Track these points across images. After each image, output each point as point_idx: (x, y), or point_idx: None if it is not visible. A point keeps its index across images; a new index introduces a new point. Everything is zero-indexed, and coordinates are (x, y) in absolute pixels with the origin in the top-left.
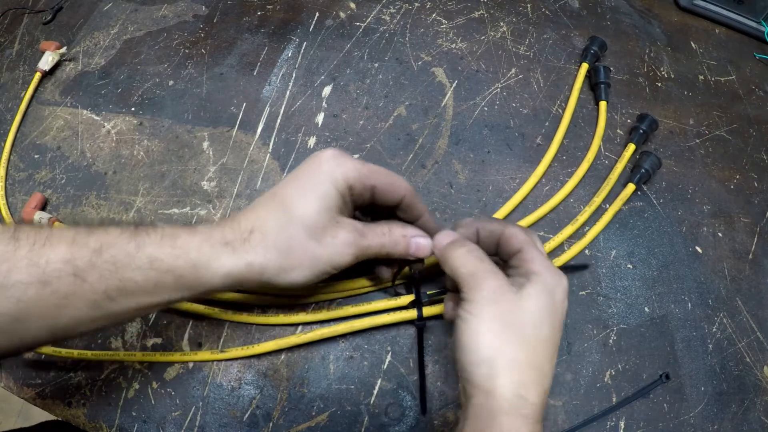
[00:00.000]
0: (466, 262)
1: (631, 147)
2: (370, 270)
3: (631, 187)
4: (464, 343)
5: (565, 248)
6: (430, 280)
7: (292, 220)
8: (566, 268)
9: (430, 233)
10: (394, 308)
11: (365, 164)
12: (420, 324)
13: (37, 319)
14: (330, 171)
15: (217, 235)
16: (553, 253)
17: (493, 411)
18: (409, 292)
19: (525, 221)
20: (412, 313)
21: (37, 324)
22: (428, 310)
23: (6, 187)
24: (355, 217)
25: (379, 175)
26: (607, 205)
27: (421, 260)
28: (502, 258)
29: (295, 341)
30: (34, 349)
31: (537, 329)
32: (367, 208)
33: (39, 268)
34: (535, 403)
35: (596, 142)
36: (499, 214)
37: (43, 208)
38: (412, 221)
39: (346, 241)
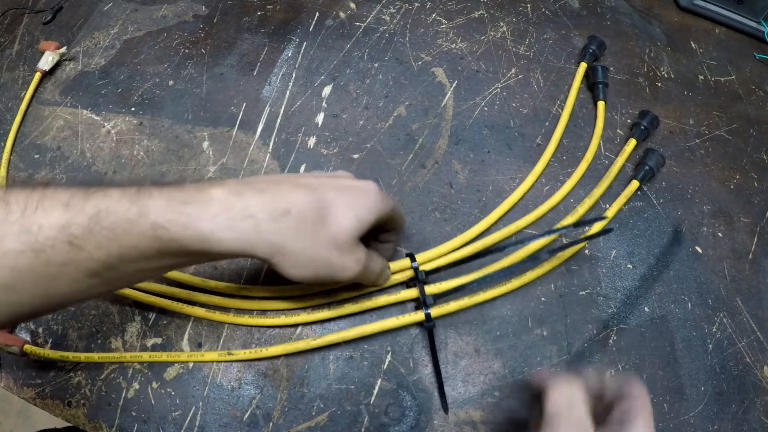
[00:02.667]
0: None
1: (632, 142)
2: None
3: (635, 184)
4: None
5: (564, 241)
6: (431, 280)
7: (327, 226)
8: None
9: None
10: (394, 303)
11: (393, 203)
12: (429, 325)
13: (32, 288)
14: (376, 204)
15: (237, 204)
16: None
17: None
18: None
19: (524, 221)
20: (419, 316)
21: (32, 293)
22: (435, 312)
23: (6, 188)
24: None
25: (397, 212)
26: (608, 205)
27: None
28: (606, 402)
29: (303, 346)
30: (31, 319)
31: None
32: None
33: (31, 235)
34: None
35: (594, 141)
36: (498, 212)
37: None
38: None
39: (357, 261)
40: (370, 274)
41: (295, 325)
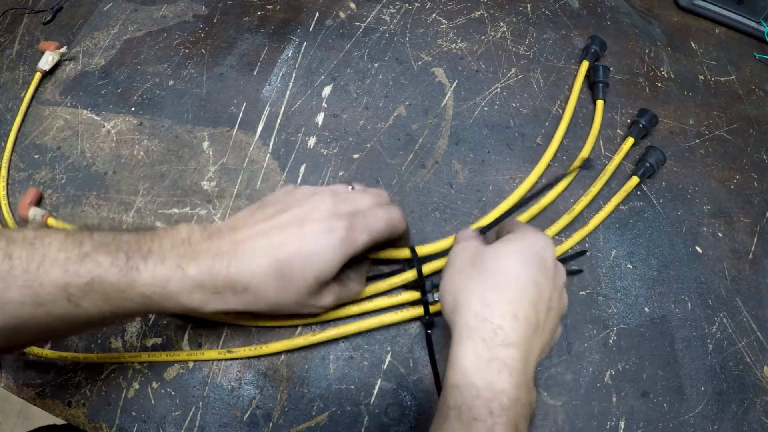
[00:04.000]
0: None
1: (630, 140)
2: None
3: (634, 180)
4: (440, 291)
5: (563, 239)
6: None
7: (288, 290)
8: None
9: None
10: (396, 305)
11: (373, 233)
12: (428, 321)
13: (34, 332)
14: (338, 251)
15: (207, 282)
16: None
17: (456, 340)
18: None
19: (522, 218)
20: (418, 311)
21: (33, 335)
22: (434, 307)
23: (7, 187)
24: None
25: (387, 231)
26: (606, 203)
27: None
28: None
29: (303, 342)
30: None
31: (503, 264)
32: None
33: (33, 290)
34: (501, 326)
35: (591, 140)
36: (498, 211)
37: (38, 203)
38: None
39: (326, 302)
40: (346, 299)
41: (296, 327)
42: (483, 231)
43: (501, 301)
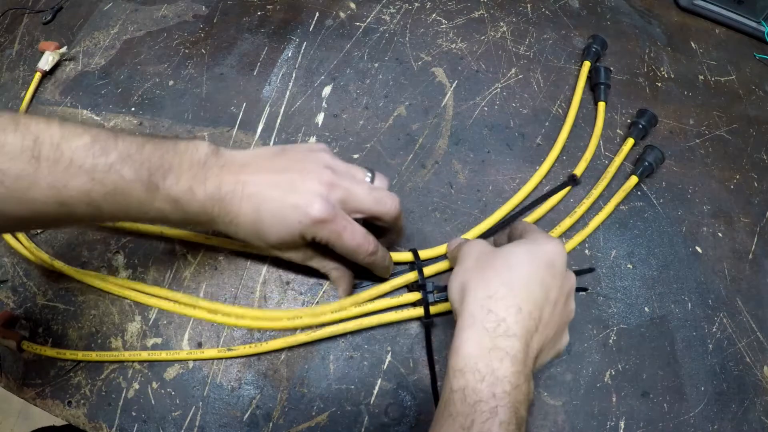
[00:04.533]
0: (457, 243)
1: (630, 141)
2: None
3: (634, 179)
4: (449, 289)
5: (564, 241)
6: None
7: (263, 236)
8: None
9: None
10: (396, 306)
11: (363, 202)
12: (427, 321)
13: (52, 221)
14: (301, 218)
15: (209, 208)
16: None
17: (458, 329)
18: (412, 289)
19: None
20: (419, 311)
21: (51, 223)
22: (435, 309)
23: None
24: None
25: (373, 207)
26: (606, 204)
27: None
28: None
29: (303, 339)
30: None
31: (511, 261)
32: None
33: (57, 191)
34: (504, 318)
35: (593, 141)
36: (499, 213)
37: None
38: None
39: (299, 258)
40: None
41: (295, 329)
42: (485, 236)
43: (506, 294)
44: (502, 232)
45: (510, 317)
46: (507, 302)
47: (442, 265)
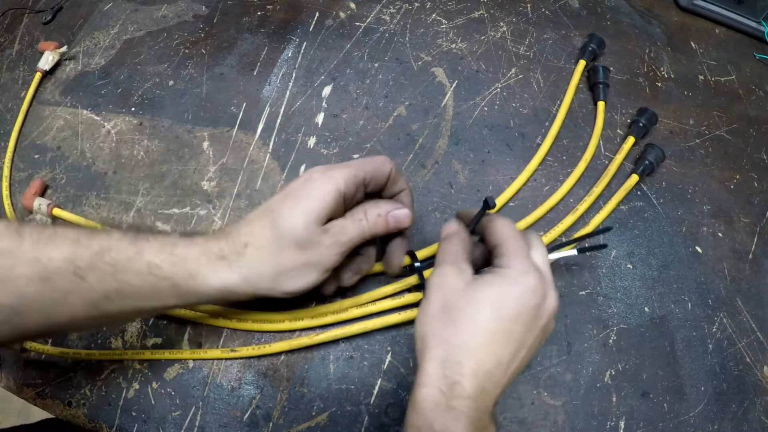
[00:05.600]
0: (443, 251)
1: (631, 139)
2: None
3: (634, 178)
4: (415, 327)
5: (563, 240)
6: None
7: (283, 236)
8: (586, 248)
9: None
10: (399, 307)
11: (349, 166)
12: None
13: (36, 314)
14: (319, 188)
15: (214, 247)
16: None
17: (417, 384)
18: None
19: (524, 221)
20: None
21: (36, 318)
22: None
23: (10, 187)
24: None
25: (365, 166)
26: (606, 203)
27: (402, 232)
28: (489, 249)
29: (306, 342)
30: (29, 340)
31: (474, 314)
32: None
33: (41, 264)
34: (458, 381)
35: (593, 141)
36: (495, 209)
37: (42, 194)
38: (395, 194)
39: (331, 245)
40: (357, 237)
41: (297, 330)
42: (470, 228)
43: (464, 358)
44: (483, 228)
45: (466, 381)
46: (463, 368)
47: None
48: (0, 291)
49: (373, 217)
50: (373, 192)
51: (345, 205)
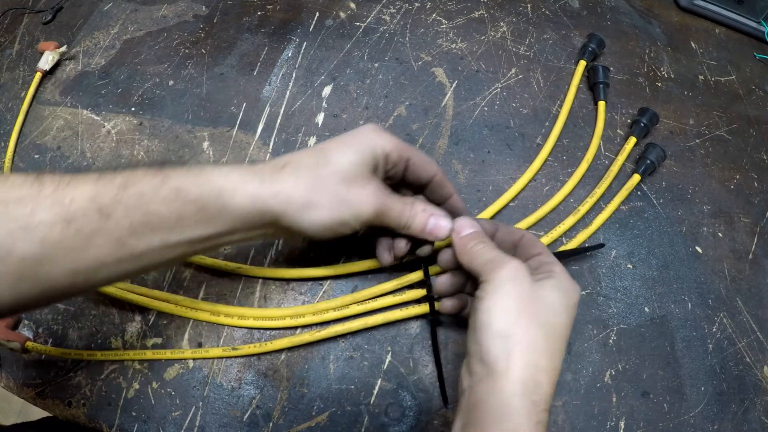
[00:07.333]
0: (485, 252)
1: (632, 140)
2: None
3: (636, 178)
4: (480, 320)
5: (564, 241)
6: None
7: (328, 164)
8: (582, 250)
9: (456, 215)
10: (401, 304)
11: (399, 138)
12: (433, 318)
13: (61, 261)
14: (370, 138)
15: (247, 168)
16: (554, 245)
17: (505, 393)
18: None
19: (525, 222)
20: (423, 308)
21: (60, 266)
22: (439, 304)
23: None
24: None
25: (414, 151)
26: (607, 204)
27: (430, 243)
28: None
29: (308, 338)
30: (55, 302)
31: (554, 318)
32: (398, 184)
33: (63, 207)
34: (548, 392)
35: (595, 141)
36: (493, 208)
37: None
38: (440, 202)
39: (373, 193)
40: (396, 212)
41: (297, 327)
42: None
43: (548, 366)
44: (508, 234)
45: (550, 390)
46: (550, 376)
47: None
48: (22, 240)
49: (418, 209)
50: (413, 184)
51: (384, 171)
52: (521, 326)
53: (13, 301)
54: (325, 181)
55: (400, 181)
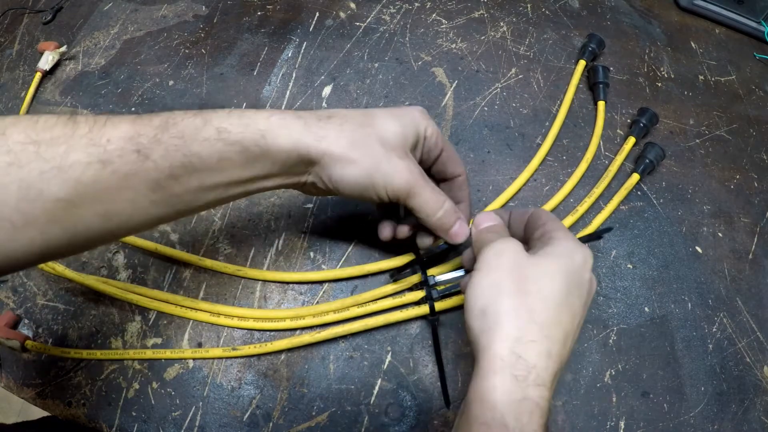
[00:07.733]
0: (486, 238)
1: (632, 140)
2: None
3: (635, 177)
4: (466, 302)
5: None
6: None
7: (374, 126)
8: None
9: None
10: (401, 305)
11: (436, 128)
12: (433, 319)
13: (94, 203)
14: (417, 117)
15: (288, 111)
16: None
17: (482, 371)
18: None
19: None
20: (423, 309)
21: (93, 209)
22: (440, 305)
23: None
24: None
25: (449, 145)
26: (607, 203)
27: (433, 236)
28: (529, 237)
29: (309, 339)
30: (83, 249)
31: (547, 285)
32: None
33: (99, 147)
34: (535, 365)
35: (594, 141)
36: (493, 207)
37: None
38: (456, 202)
39: (408, 167)
40: (428, 199)
41: (298, 329)
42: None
43: (538, 336)
44: (519, 216)
45: (540, 363)
46: (538, 347)
47: (445, 266)
48: (54, 182)
49: (450, 207)
50: (434, 178)
51: (420, 153)
52: (502, 300)
53: (41, 248)
54: (367, 140)
55: (426, 170)
